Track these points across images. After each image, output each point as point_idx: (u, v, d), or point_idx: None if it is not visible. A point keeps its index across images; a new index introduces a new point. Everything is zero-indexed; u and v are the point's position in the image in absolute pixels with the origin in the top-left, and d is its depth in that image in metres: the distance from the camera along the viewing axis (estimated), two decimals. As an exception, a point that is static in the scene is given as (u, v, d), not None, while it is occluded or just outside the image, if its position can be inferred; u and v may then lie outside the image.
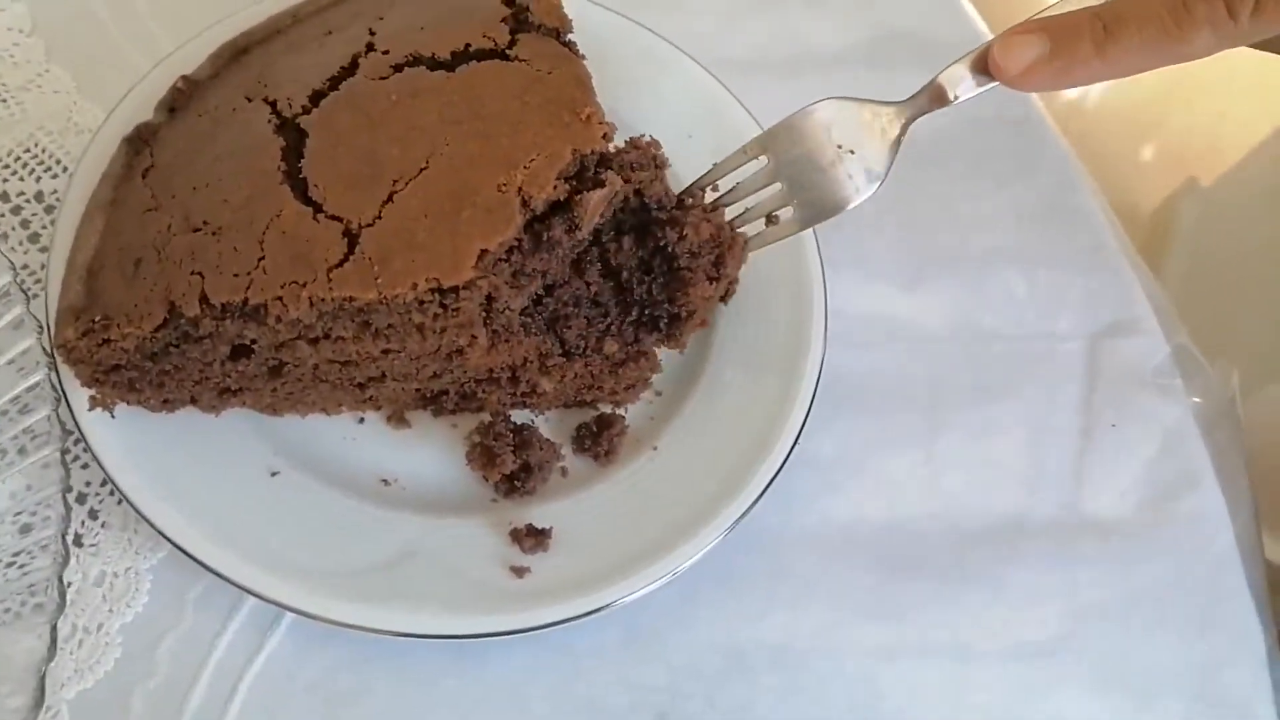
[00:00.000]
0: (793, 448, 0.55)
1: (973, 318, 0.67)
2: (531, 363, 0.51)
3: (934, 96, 0.47)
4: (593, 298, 0.51)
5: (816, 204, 0.49)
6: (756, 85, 0.66)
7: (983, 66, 0.46)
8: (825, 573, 0.57)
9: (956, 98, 0.47)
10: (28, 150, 0.60)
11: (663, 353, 0.58)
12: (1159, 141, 1.71)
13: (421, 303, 0.44)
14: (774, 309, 0.59)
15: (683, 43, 0.66)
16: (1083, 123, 1.80)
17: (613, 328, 0.52)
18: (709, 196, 0.52)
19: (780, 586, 0.56)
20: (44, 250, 0.57)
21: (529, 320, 0.51)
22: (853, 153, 0.48)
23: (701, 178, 0.52)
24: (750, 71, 0.68)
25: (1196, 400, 0.67)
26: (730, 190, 0.51)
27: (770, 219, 0.52)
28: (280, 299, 0.42)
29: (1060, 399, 0.65)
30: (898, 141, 0.48)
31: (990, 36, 0.80)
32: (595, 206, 0.47)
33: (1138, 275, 0.71)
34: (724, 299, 0.57)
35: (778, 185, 0.50)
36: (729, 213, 0.51)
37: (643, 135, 0.51)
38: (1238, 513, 0.64)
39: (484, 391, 0.53)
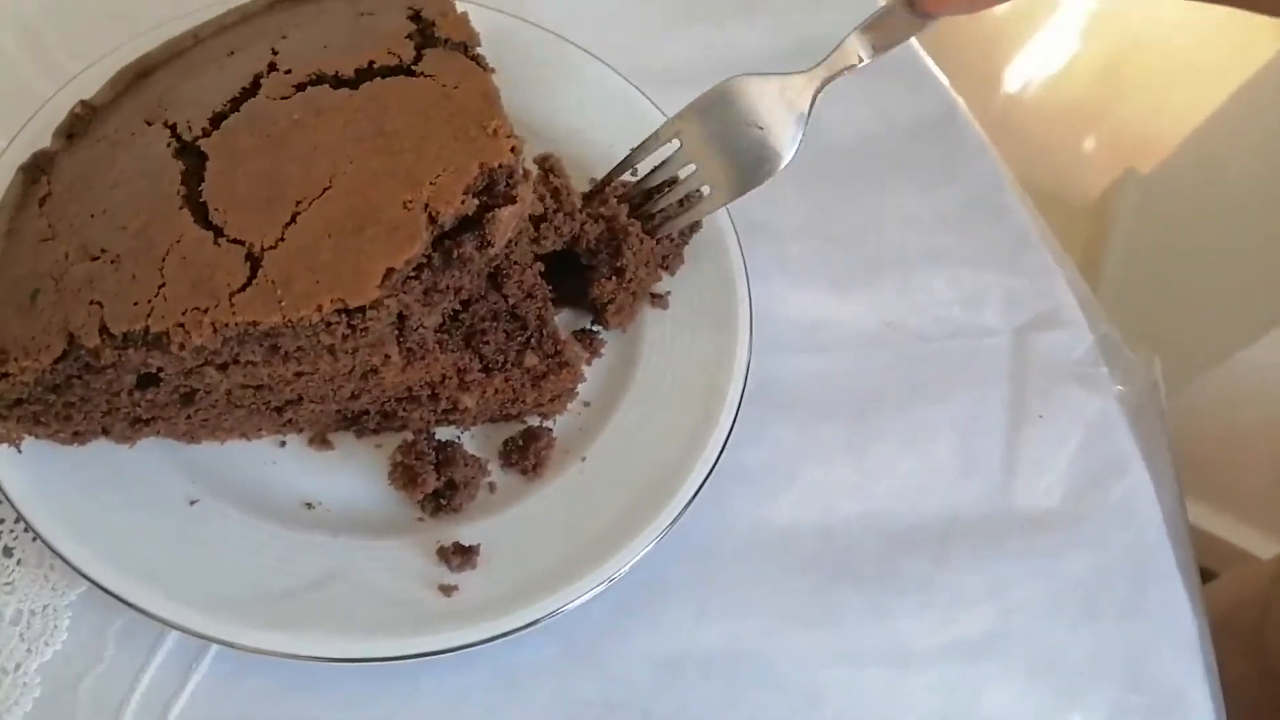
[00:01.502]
0: (720, 453, 0.55)
1: (899, 319, 0.67)
2: (450, 379, 0.50)
3: (838, 62, 0.49)
4: (511, 310, 0.51)
5: (732, 180, 0.52)
6: (679, 97, 0.67)
7: (883, 29, 0.48)
8: (759, 581, 0.57)
9: (861, 60, 0.49)
10: (-72, 182, 0.58)
11: (590, 364, 0.58)
12: (1098, 133, 1.74)
13: (328, 324, 0.43)
14: (700, 317, 0.59)
15: (607, 55, 0.66)
16: (1023, 116, 1.84)
17: (532, 340, 0.52)
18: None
19: (714, 596, 0.56)
20: (-52, 284, 0.55)
21: (445, 337, 0.50)
22: (761, 129, 0.50)
23: (616, 166, 0.55)
24: (673, 83, 0.69)
25: (1120, 388, 0.68)
26: (646, 176, 0.54)
27: (689, 198, 0.55)
28: (182, 325, 0.42)
29: (988, 395, 0.66)
30: (807, 112, 0.50)
31: (920, 50, 0.82)
32: (507, 222, 0.47)
33: (1061, 268, 0.72)
34: (656, 292, 0.58)
35: (692, 166, 0.53)
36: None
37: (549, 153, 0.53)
38: (1164, 497, 0.65)
39: (405, 410, 0.52)
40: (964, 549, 0.60)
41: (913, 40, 0.81)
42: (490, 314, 0.51)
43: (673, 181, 0.55)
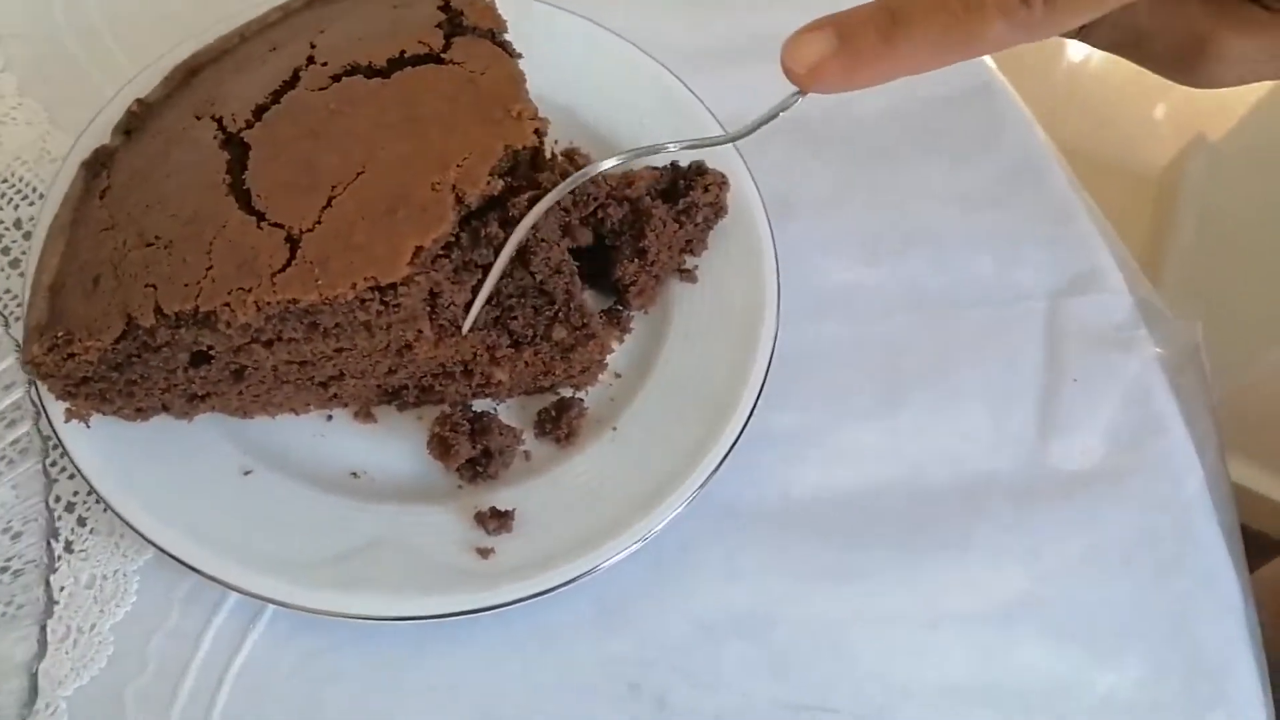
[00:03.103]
0: (749, 418, 0.56)
1: (931, 286, 0.68)
2: (481, 356, 0.53)
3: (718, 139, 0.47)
4: (539, 286, 0.53)
5: None
6: (710, 75, 0.68)
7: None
8: (790, 542, 0.58)
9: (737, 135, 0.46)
10: (5, 180, 0.63)
11: (621, 341, 0.60)
12: (1168, 100, 1.70)
13: (363, 301, 0.46)
14: (728, 287, 0.61)
15: (636, 37, 0.68)
16: (1091, 84, 1.80)
17: (559, 313, 0.54)
18: None
19: (745, 557, 0.58)
20: (24, 275, 0.60)
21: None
22: None
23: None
24: (704, 60, 0.70)
25: (1159, 351, 0.67)
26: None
27: None
28: (228, 305, 0.45)
29: (1022, 359, 0.66)
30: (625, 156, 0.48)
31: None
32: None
33: (1101, 232, 0.72)
34: (685, 267, 0.59)
35: None
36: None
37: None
38: (1205, 457, 0.64)
39: (441, 384, 0.55)
40: (997, 510, 0.61)
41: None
42: (518, 291, 0.53)
43: None
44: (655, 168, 0.61)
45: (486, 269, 0.50)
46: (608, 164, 0.48)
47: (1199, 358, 0.68)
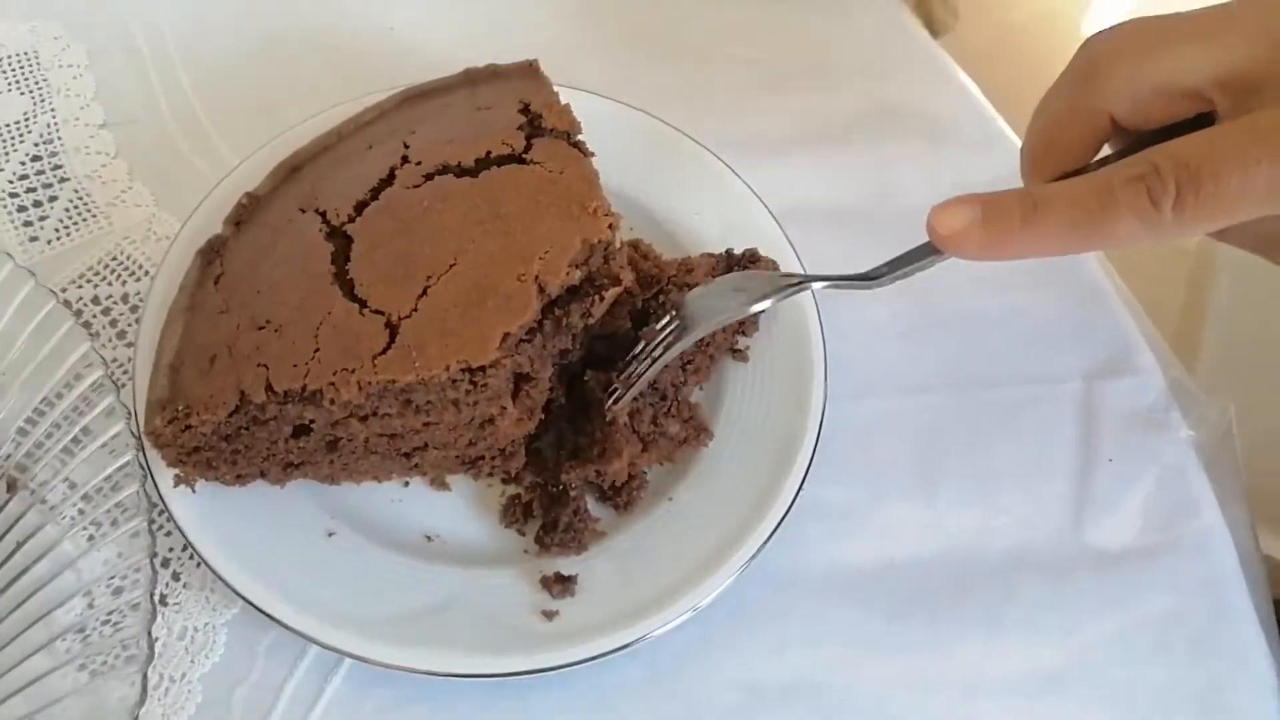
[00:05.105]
0: (798, 493, 0.59)
1: (969, 365, 0.71)
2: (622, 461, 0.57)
3: (857, 277, 0.57)
4: (652, 385, 0.58)
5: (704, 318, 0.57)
6: (765, 163, 0.73)
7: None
8: (834, 612, 0.61)
9: (876, 279, 0.56)
10: (115, 258, 0.68)
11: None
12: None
13: (454, 381, 0.50)
14: (777, 366, 0.64)
15: (687, 127, 0.72)
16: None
17: (671, 409, 0.59)
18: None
19: (792, 626, 0.60)
20: (130, 345, 0.65)
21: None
22: (744, 291, 0.58)
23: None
24: (751, 150, 0.75)
25: (1192, 433, 0.70)
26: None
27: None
28: (333, 384, 0.49)
29: (1057, 439, 0.68)
30: (785, 291, 0.58)
31: (991, 111, 0.86)
32: (609, 300, 0.54)
33: (1132, 313, 0.75)
34: (737, 347, 0.65)
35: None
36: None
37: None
38: (1239, 540, 0.66)
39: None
40: (1034, 585, 0.63)
41: (982, 100, 0.86)
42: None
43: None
44: (711, 254, 0.65)
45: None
46: (760, 306, 0.58)
47: (1231, 439, 0.70)
